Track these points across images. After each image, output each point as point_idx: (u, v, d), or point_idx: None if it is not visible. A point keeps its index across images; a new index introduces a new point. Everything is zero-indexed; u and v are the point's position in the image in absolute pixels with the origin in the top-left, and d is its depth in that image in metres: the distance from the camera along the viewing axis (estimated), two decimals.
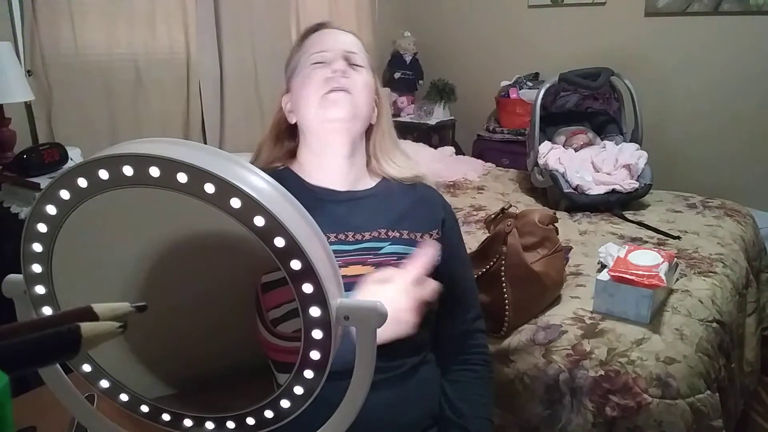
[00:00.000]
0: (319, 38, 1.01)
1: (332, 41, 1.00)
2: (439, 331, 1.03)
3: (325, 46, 0.99)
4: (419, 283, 0.75)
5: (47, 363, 0.47)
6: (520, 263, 1.34)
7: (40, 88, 2.16)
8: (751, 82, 2.88)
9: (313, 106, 0.96)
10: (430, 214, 1.04)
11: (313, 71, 0.97)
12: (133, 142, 0.49)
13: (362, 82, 0.98)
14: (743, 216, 2.21)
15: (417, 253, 0.78)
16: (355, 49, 1.01)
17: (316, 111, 0.95)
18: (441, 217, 1.05)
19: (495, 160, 3.20)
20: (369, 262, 0.93)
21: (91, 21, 2.35)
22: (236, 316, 0.61)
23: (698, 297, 1.50)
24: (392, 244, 0.96)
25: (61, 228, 0.50)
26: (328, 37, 1.01)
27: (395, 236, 0.97)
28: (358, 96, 0.96)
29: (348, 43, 1.01)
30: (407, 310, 0.74)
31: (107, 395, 0.58)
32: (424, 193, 1.06)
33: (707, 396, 1.23)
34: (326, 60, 0.97)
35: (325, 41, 1.00)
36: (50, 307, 0.54)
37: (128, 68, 2.49)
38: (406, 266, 0.76)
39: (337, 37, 1.02)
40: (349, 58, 0.98)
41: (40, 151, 1.88)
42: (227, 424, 0.56)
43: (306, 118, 0.98)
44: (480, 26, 3.75)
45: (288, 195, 0.49)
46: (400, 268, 0.90)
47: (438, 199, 1.08)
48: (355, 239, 0.95)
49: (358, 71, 0.98)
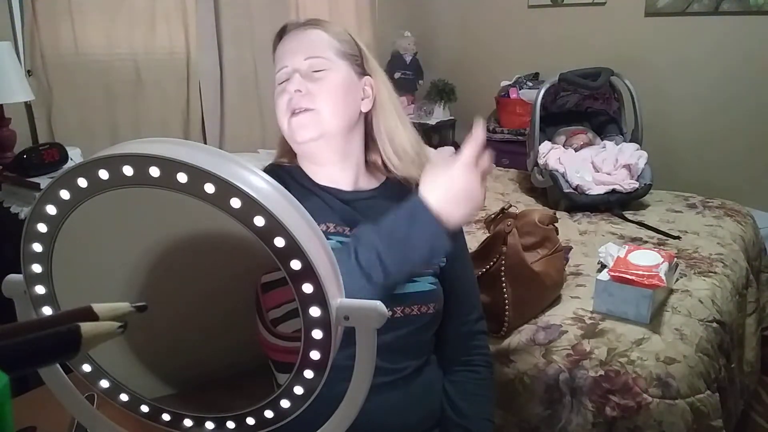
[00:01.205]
0: (282, 50, 0.98)
1: (290, 52, 0.96)
2: (441, 332, 1.03)
3: (285, 59, 0.96)
4: (478, 158, 0.81)
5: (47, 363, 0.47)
6: (520, 263, 1.34)
7: (40, 88, 2.16)
8: (752, 82, 2.88)
9: (284, 130, 0.96)
10: None
11: (278, 95, 0.96)
12: (133, 142, 0.49)
13: (325, 88, 0.94)
14: (743, 216, 2.21)
15: (469, 134, 0.81)
16: (315, 51, 0.95)
17: (288, 135, 0.95)
18: None
19: (495, 160, 3.17)
20: None
21: (91, 21, 2.35)
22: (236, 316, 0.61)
23: (698, 297, 1.50)
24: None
25: (61, 228, 0.50)
26: (287, 47, 0.97)
27: None
28: (323, 107, 0.93)
29: (303, 48, 0.95)
30: (477, 187, 0.79)
31: (107, 395, 0.58)
32: None
33: (707, 396, 1.23)
34: (287, 77, 0.95)
35: (285, 53, 0.97)
36: (50, 307, 0.54)
37: (128, 68, 2.49)
38: (463, 147, 0.80)
39: (294, 43, 0.97)
40: (308, 68, 0.94)
41: (40, 151, 1.88)
42: (227, 424, 0.56)
43: (283, 133, 0.98)
44: (480, 26, 3.75)
45: (288, 195, 0.49)
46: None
47: None
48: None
49: (319, 78, 0.94)
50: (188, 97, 2.71)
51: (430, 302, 0.94)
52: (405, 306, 0.91)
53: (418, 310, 0.92)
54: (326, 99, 0.93)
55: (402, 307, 0.91)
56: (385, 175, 1.04)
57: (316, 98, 0.93)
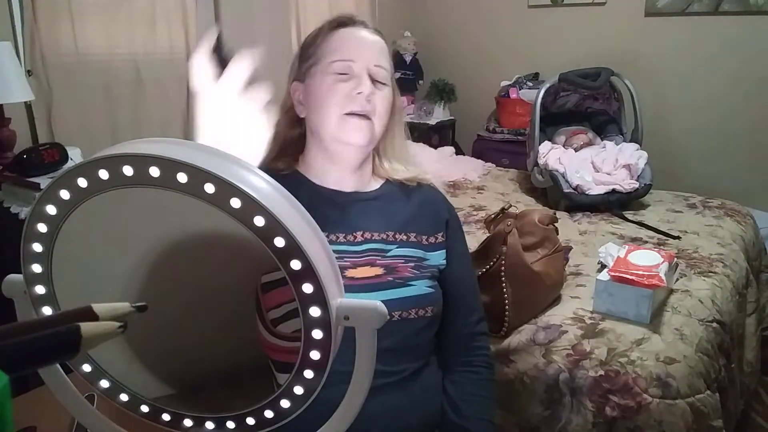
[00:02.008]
0: (347, 39, 0.95)
1: (360, 49, 0.94)
2: (442, 333, 1.03)
3: (352, 54, 0.93)
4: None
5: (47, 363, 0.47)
6: (520, 263, 1.34)
7: (40, 88, 2.16)
8: (752, 82, 2.88)
9: (332, 123, 0.93)
10: (435, 216, 1.03)
11: (334, 84, 0.92)
12: (133, 142, 0.49)
13: (384, 104, 0.95)
14: (743, 216, 2.21)
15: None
16: (383, 60, 0.96)
17: (334, 129, 0.93)
18: (445, 218, 1.04)
19: (495, 160, 3.20)
20: (377, 264, 0.93)
21: (91, 21, 2.35)
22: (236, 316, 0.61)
23: (698, 297, 1.50)
24: (399, 247, 0.96)
25: (61, 228, 0.50)
26: (355, 42, 0.95)
27: (402, 239, 0.97)
28: (378, 120, 0.94)
29: (376, 53, 0.95)
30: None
31: (107, 395, 0.58)
32: (429, 195, 1.05)
33: (707, 396, 1.23)
34: (351, 73, 0.93)
35: (352, 47, 0.94)
36: (50, 307, 0.54)
37: (128, 68, 2.49)
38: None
39: (365, 43, 0.96)
40: (376, 75, 0.94)
41: (40, 151, 1.88)
42: (227, 424, 0.56)
43: (321, 129, 0.95)
44: (480, 26, 3.75)
45: (288, 195, 0.49)
46: (407, 271, 0.91)
47: (442, 202, 1.07)
48: (364, 238, 0.95)
49: (382, 90, 0.95)
50: (188, 97, 2.71)
51: (427, 305, 0.94)
52: (403, 310, 0.91)
53: (416, 314, 0.92)
54: (381, 114, 0.95)
55: (399, 311, 0.91)
56: (384, 178, 1.04)
57: (376, 110, 0.93)
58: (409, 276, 0.95)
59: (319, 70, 0.94)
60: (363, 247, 0.94)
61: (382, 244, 0.96)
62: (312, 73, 0.96)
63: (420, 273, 0.96)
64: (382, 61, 0.95)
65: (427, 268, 0.98)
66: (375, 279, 0.92)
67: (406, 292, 0.93)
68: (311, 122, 0.97)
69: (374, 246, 0.95)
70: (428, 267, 0.98)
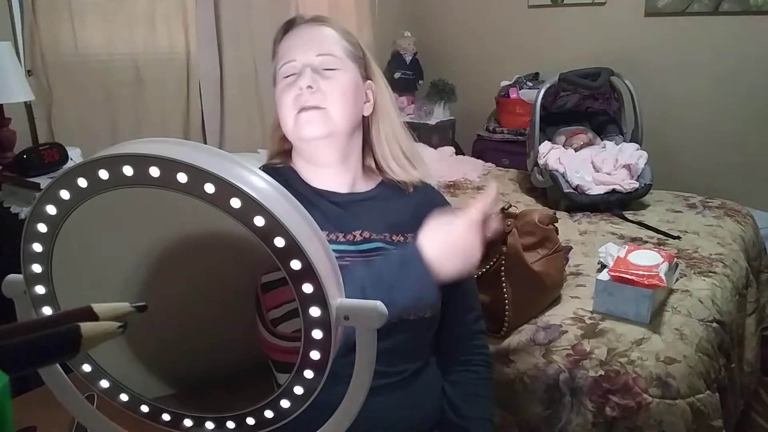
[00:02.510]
0: (289, 43, 0.96)
1: (300, 46, 0.94)
2: (441, 333, 1.03)
3: (293, 53, 0.93)
4: (484, 221, 0.79)
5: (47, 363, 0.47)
6: (520, 263, 1.34)
7: (40, 88, 2.16)
8: (752, 82, 2.88)
9: (289, 126, 0.93)
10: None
11: (284, 90, 0.93)
12: (133, 142, 0.49)
13: (337, 88, 0.92)
14: (743, 216, 2.21)
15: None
16: (328, 48, 0.94)
17: (292, 130, 0.93)
18: None
19: (495, 160, 3.20)
20: None
21: (91, 21, 2.35)
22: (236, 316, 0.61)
23: (698, 297, 1.50)
24: (396, 248, 0.96)
25: (61, 228, 0.50)
26: (296, 41, 0.95)
27: (399, 240, 0.97)
28: (333, 107, 0.91)
29: (316, 44, 0.94)
30: (475, 246, 0.78)
31: (107, 395, 0.58)
32: (426, 195, 1.04)
33: (707, 396, 1.23)
34: (295, 71, 0.92)
35: (294, 47, 0.94)
36: (50, 307, 0.54)
37: (128, 68, 2.49)
38: (471, 205, 0.79)
39: (304, 39, 0.95)
40: (319, 65, 0.92)
41: (40, 151, 1.88)
42: (227, 424, 0.56)
43: (285, 130, 0.95)
44: (480, 26, 3.75)
45: (288, 195, 0.49)
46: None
47: (440, 201, 1.06)
48: (363, 238, 0.95)
49: (331, 77, 0.92)
50: (188, 97, 2.71)
51: (426, 307, 0.94)
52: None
53: (414, 315, 0.92)
54: (336, 99, 0.92)
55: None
56: (380, 178, 1.03)
57: (327, 97, 0.91)
58: None
59: (276, 79, 0.96)
60: (363, 246, 0.94)
61: (381, 243, 0.95)
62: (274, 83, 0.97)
63: None
64: (327, 48, 0.93)
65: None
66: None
67: None
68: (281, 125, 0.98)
69: (374, 246, 0.95)
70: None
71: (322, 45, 0.94)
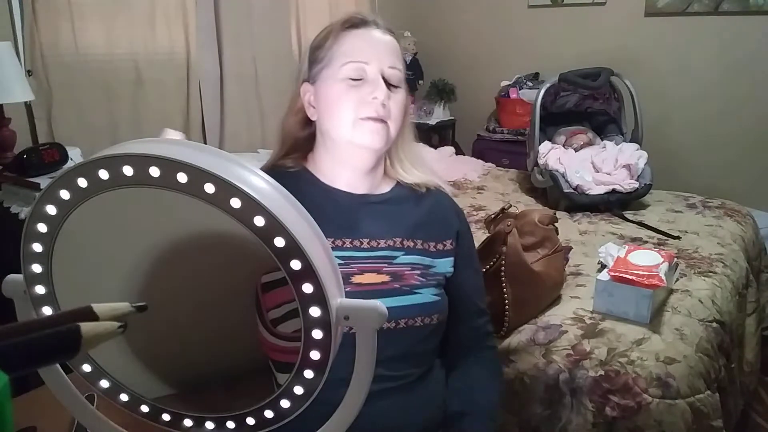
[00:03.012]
0: (360, 40, 0.92)
1: (373, 51, 0.91)
2: (450, 336, 1.02)
3: (365, 55, 0.90)
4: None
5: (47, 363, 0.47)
6: (520, 263, 1.34)
7: (40, 88, 2.16)
8: (752, 82, 2.88)
9: (345, 127, 0.91)
10: (445, 223, 1.02)
11: (348, 89, 0.90)
12: (133, 142, 0.49)
13: (399, 107, 0.93)
14: (743, 216, 2.21)
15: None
16: (396, 61, 0.93)
17: (348, 132, 0.91)
18: (456, 227, 1.02)
19: (495, 160, 3.20)
20: (384, 271, 0.92)
21: (91, 21, 2.35)
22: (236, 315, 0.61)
23: (698, 297, 1.50)
24: (406, 254, 0.95)
25: (61, 228, 0.50)
26: (368, 44, 0.92)
27: (409, 246, 0.96)
28: (393, 124, 0.92)
29: (389, 55, 0.92)
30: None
31: (107, 395, 0.58)
32: (439, 200, 1.03)
33: (707, 396, 1.23)
34: (365, 77, 0.90)
35: (366, 49, 0.91)
36: (50, 307, 0.54)
37: (128, 68, 2.49)
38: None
39: (378, 44, 0.93)
40: (390, 78, 0.92)
41: (40, 151, 1.88)
42: (227, 424, 0.56)
43: (333, 132, 0.93)
44: (480, 26, 3.75)
45: (288, 195, 0.49)
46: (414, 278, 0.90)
47: (452, 207, 1.06)
48: (370, 246, 0.94)
49: (397, 94, 0.93)
50: (188, 97, 2.71)
51: (433, 313, 0.93)
52: (408, 317, 0.91)
53: (422, 321, 0.92)
54: (397, 117, 0.92)
55: (405, 319, 0.90)
56: (395, 180, 1.02)
57: (391, 113, 0.91)
58: (416, 284, 0.94)
59: (330, 74, 0.92)
60: (370, 253, 0.93)
61: (389, 251, 0.95)
62: (323, 76, 0.93)
63: (426, 281, 0.95)
64: (395, 62, 0.93)
65: (434, 275, 0.97)
66: (381, 286, 0.92)
67: (412, 299, 0.92)
68: (323, 125, 0.95)
69: (381, 253, 0.94)
70: (435, 275, 0.97)
71: (395, 57, 0.93)
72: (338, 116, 0.91)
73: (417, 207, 1.00)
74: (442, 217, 1.02)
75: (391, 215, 0.98)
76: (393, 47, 0.94)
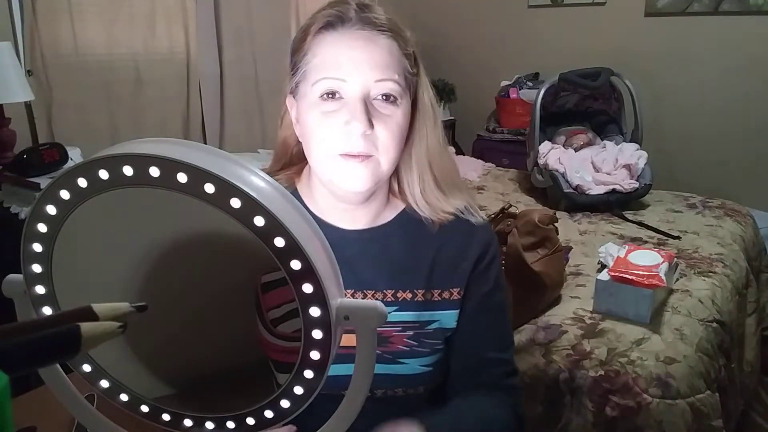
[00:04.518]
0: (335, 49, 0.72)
1: (352, 63, 0.71)
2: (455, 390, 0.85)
3: (342, 68, 0.70)
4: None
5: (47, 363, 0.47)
6: (520, 263, 1.34)
7: (40, 88, 2.16)
8: (752, 82, 2.88)
9: (321, 165, 0.74)
10: (456, 264, 0.82)
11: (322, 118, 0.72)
12: (133, 142, 0.49)
13: (393, 133, 0.72)
14: (743, 216, 2.21)
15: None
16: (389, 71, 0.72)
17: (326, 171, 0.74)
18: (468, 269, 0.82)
19: (495, 160, 3.20)
20: None
21: (91, 21, 2.35)
22: (236, 315, 0.61)
23: (698, 297, 1.50)
24: (400, 309, 0.80)
25: (61, 228, 0.50)
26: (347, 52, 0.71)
27: (405, 298, 0.80)
28: (384, 156, 0.73)
29: (377, 65, 0.71)
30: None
31: (107, 395, 0.58)
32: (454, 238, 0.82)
33: (707, 396, 1.23)
34: (342, 94, 0.71)
35: (343, 59, 0.71)
36: (50, 307, 0.54)
37: (128, 68, 2.50)
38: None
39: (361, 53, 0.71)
40: (375, 94, 0.72)
41: (40, 151, 1.88)
42: (227, 424, 0.56)
43: (313, 166, 0.77)
44: (480, 26, 3.75)
45: (288, 195, 0.49)
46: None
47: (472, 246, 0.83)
48: (355, 299, 0.79)
49: (388, 116, 0.72)
50: (188, 97, 2.71)
51: (419, 385, 0.81)
52: (388, 388, 0.79)
53: (404, 392, 0.80)
54: (389, 147, 0.73)
55: (383, 390, 0.79)
56: (403, 205, 0.84)
57: (379, 143, 0.72)
58: (403, 350, 0.79)
59: (304, 91, 0.74)
60: None
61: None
62: (300, 93, 0.75)
63: (418, 345, 0.80)
64: (387, 72, 0.72)
65: (430, 337, 0.81)
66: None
67: (394, 369, 0.79)
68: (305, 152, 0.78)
69: None
70: (433, 334, 0.81)
71: (384, 68, 0.72)
72: (314, 149, 0.74)
73: (423, 244, 0.82)
74: (455, 257, 0.82)
75: (388, 256, 0.81)
76: (383, 52, 0.72)
